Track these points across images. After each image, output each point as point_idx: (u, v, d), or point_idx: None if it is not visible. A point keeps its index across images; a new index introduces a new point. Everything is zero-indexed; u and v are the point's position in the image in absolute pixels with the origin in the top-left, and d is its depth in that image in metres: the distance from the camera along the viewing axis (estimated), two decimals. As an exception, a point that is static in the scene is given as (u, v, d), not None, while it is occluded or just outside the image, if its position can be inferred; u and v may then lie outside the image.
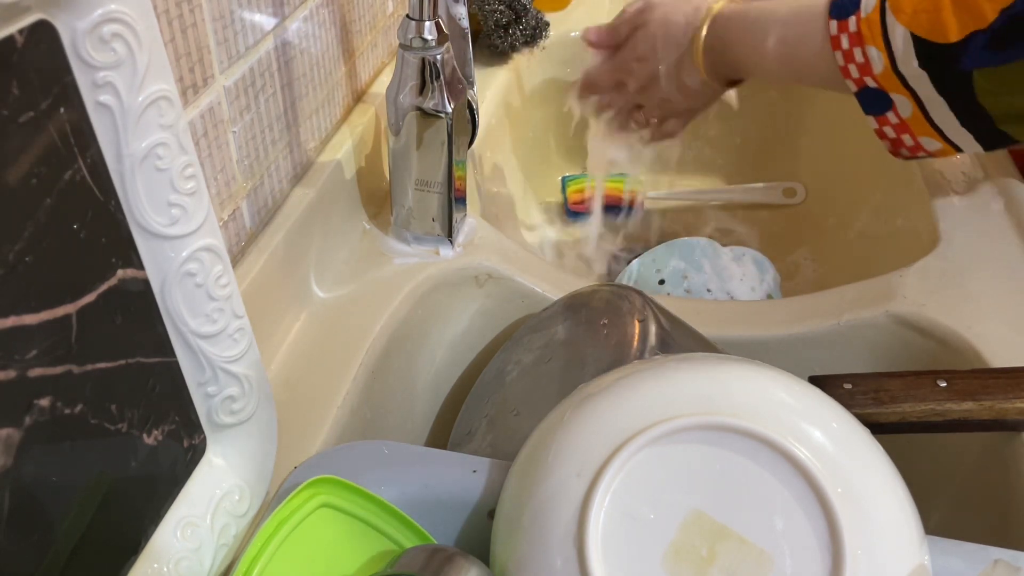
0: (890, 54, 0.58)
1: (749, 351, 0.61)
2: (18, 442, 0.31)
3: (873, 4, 0.58)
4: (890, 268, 0.65)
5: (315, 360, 0.57)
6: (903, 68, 0.58)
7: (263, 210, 0.58)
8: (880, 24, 0.58)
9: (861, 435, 0.40)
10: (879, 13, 0.58)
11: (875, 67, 0.59)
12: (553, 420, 0.42)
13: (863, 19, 0.59)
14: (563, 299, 0.62)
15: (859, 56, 0.59)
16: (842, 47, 0.60)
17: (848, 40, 0.60)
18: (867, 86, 0.60)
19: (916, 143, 0.61)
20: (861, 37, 0.59)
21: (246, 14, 0.51)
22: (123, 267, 0.36)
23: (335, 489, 0.43)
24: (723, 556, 0.36)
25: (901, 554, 0.37)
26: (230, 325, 0.42)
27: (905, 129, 0.61)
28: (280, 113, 0.58)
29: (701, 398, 0.39)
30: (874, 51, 0.58)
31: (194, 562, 0.41)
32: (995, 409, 0.50)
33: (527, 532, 0.39)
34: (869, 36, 0.58)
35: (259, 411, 0.45)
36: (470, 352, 0.71)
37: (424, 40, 0.59)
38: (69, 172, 0.33)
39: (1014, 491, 0.52)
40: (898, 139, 0.61)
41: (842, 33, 0.60)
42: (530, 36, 0.95)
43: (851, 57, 0.60)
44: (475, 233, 0.69)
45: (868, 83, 0.60)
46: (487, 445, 0.55)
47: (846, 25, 0.60)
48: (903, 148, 0.62)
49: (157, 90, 0.35)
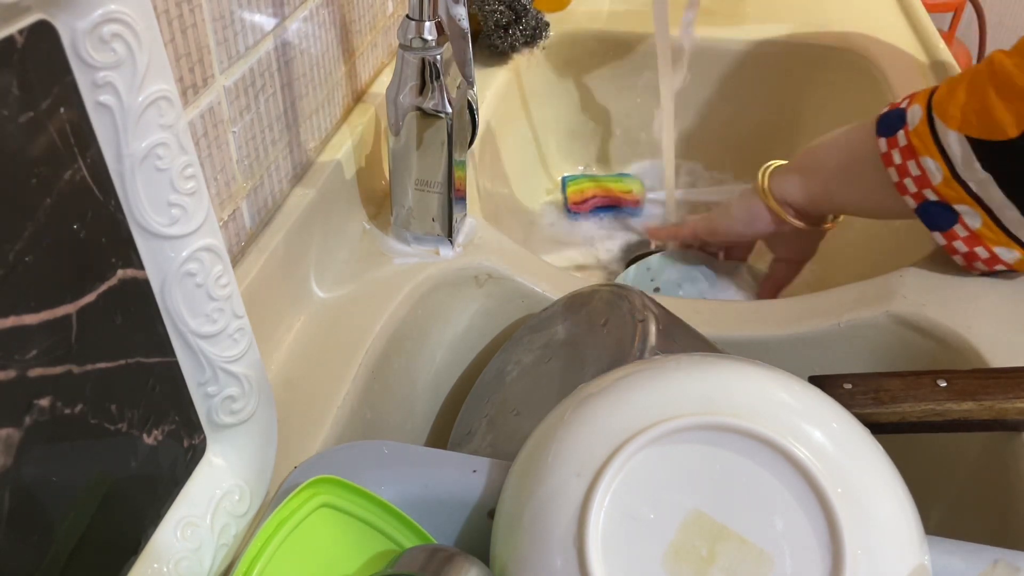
0: (947, 162, 0.55)
1: (749, 351, 0.61)
2: (18, 442, 0.31)
3: (919, 116, 0.56)
4: (890, 268, 0.65)
5: (315, 360, 0.57)
6: (965, 175, 0.55)
7: (263, 210, 0.58)
8: (930, 134, 0.55)
9: (861, 435, 0.40)
10: (927, 123, 0.56)
11: (934, 179, 0.56)
12: (553, 420, 0.42)
13: (911, 131, 0.57)
14: (563, 299, 0.62)
15: (914, 169, 0.57)
16: (894, 163, 0.58)
17: (900, 155, 0.57)
18: (927, 200, 0.58)
19: (992, 255, 0.58)
20: (913, 149, 0.56)
21: (246, 14, 0.52)
22: (123, 267, 0.36)
23: (335, 489, 0.43)
24: (723, 556, 0.36)
25: (901, 554, 0.37)
26: (230, 325, 0.42)
27: (977, 241, 0.58)
28: (280, 113, 0.58)
29: (701, 398, 0.39)
30: (930, 162, 0.56)
31: (194, 562, 0.41)
32: (995, 409, 0.50)
33: (527, 532, 0.39)
34: (921, 147, 0.56)
35: (259, 411, 0.45)
36: (470, 352, 0.71)
37: (424, 40, 0.59)
38: (69, 172, 0.33)
39: (1014, 491, 0.52)
40: (971, 252, 0.58)
41: (892, 149, 0.58)
42: (530, 36, 0.95)
43: (905, 171, 0.58)
44: (475, 233, 0.69)
45: (928, 196, 0.57)
46: (487, 445, 0.55)
47: (895, 141, 0.58)
48: (978, 261, 0.59)
49: (157, 90, 0.35)
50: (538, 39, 0.96)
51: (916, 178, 0.57)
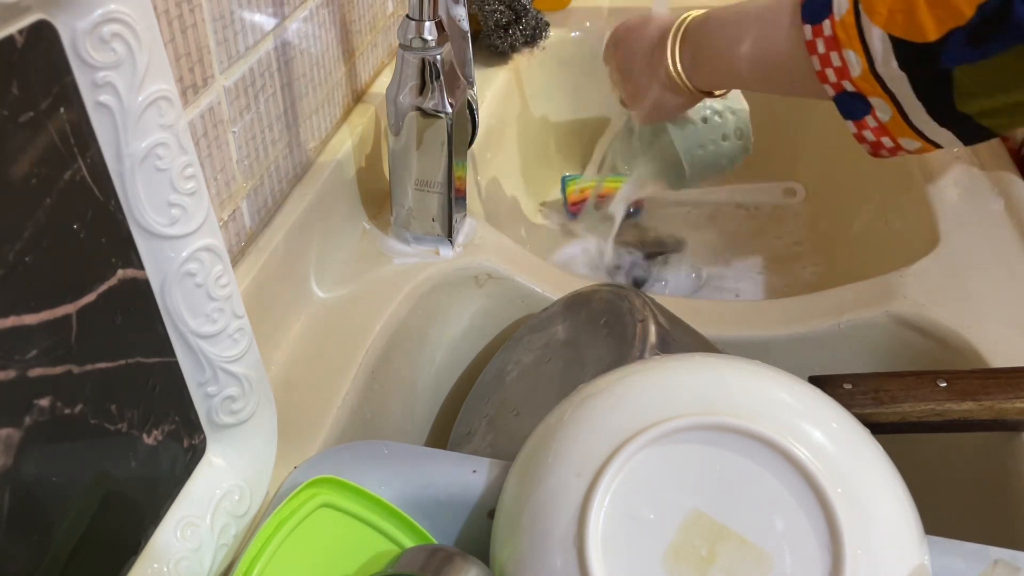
0: (868, 57, 0.56)
1: (749, 351, 0.61)
2: (18, 442, 0.31)
3: (846, 7, 0.57)
4: (890, 268, 0.65)
5: (315, 360, 0.57)
6: (882, 70, 0.56)
7: (263, 210, 0.58)
8: (856, 27, 0.56)
9: (861, 435, 0.40)
10: (853, 16, 0.57)
11: (853, 71, 0.58)
12: (553, 420, 0.42)
13: (837, 22, 0.57)
14: (563, 299, 0.62)
15: (836, 60, 0.58)
16: (818, 51, 0.59)
17: (824, 44, 0.58)
18: (845, 90, 0.59)
19: (896, 144, 0.60)
20: (837, 41, 0.57)
21: (246, 14, 0.52)
22: (123, 267, 0.36)
23: (335, 489, 0.43)
24: (723, 556, 0.36)
25: (901, 554, 0.37)
26: (230, 325, 0.42)
27: (884, 132, 0.60)
28: (280, 113, 0.58)
29: (701, 398, 0.39)
30: (852, 54, 0.57)
31: (194, 562, 0.41)
32: (995, 409, 0.50)
33: (527, 532, 0.39)
34: (845, 39, 0.57)
35: (259, 411, 0.45)
36: (470, 352, 0.71)
37: (424, 40, 0.59)
38: (69, 172, 0.33)
39: (1014, 491, 0.52)
40: (878, 142, 0.61)
41: (817, 38, 0.58)
42: (530, 36, 0.95)
43: (828, 61, 0.58)
44: (475, 233, 0.69)
45: (846, 87, 0.59)
46: (487, 445, 0.55)
47: (820, 29, 0.58)
48: (883, 150, 0.62)
49: (157, 90, 0.35)
50: (538, 39, 0.96)
51: (837, 69, 0.58)
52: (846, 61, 0.57)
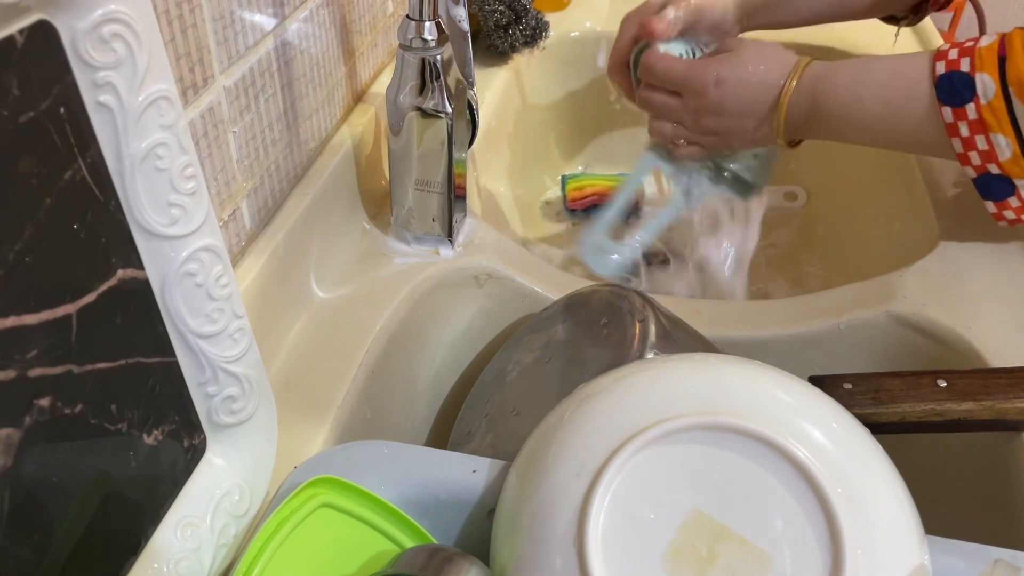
0: (1021, 142, 0.56)
1: (749, 351, 0.61)
2: (18, 442, 0.31)
3: (993, 91, 0.56)
4: (890, 268, 0.65)
5: (315, 360, 0.57)
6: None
7: (263, 210, 0.58)
8: (1007, 112, 0.56)
9: (861, 435, 0.40)
10: (1003, 100, 0.56)
11: (1002, 155, 0.57)
12: (553, 420, 0.42)
13: (984, 106, 0.57)
14: (563, 299, 0.62)
15: (982, 144, 0.57)
16: (960, 135, 0.58)
17: (968, 128, 0.58)
18: (989, 172, 0.59)
19: None
20: (985, 125, 0.57)
21: (246, 14, 0.51)
22: (123, 267, 0.36)
23: (335, 489, 0.43)
24: (723, 556, 0.36)
25: (901, 554, 0.37)
26: (230, 325, 0.42)
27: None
28: (280, 113, 0.58)
29: (701, 398, 0.39)
30: (1002, 139, 0.57)
31: (194, 562, 0.41)
32: (995, 409, 0.50)
33: (527, 532, 0.39)
34: (995, 124, 0.56)
35: (259, 411, 0.45)
36: (470, 352, 0.71)
37: (424, 40, 0.59)
38: (69, 172, 0.33)
39: (1014, 491, 0.52)
40: (1018, 218, 0.61)
41: (959, 121, 0.58)
42: (530, 36, 0.95)
43: (972, 145, 0.58)
44: (475, 233, 0.69)
45: (991, 170, 0.58)
46: (487, 445, 0.55)
47: (964, 113, 0.58)
48: (1020, 224, 0.62)
49: (157, 90, 0.35)
50: (538, 39, 0.96)
51: (983, 152, 0.58)
52: (994, 145, 0.57)
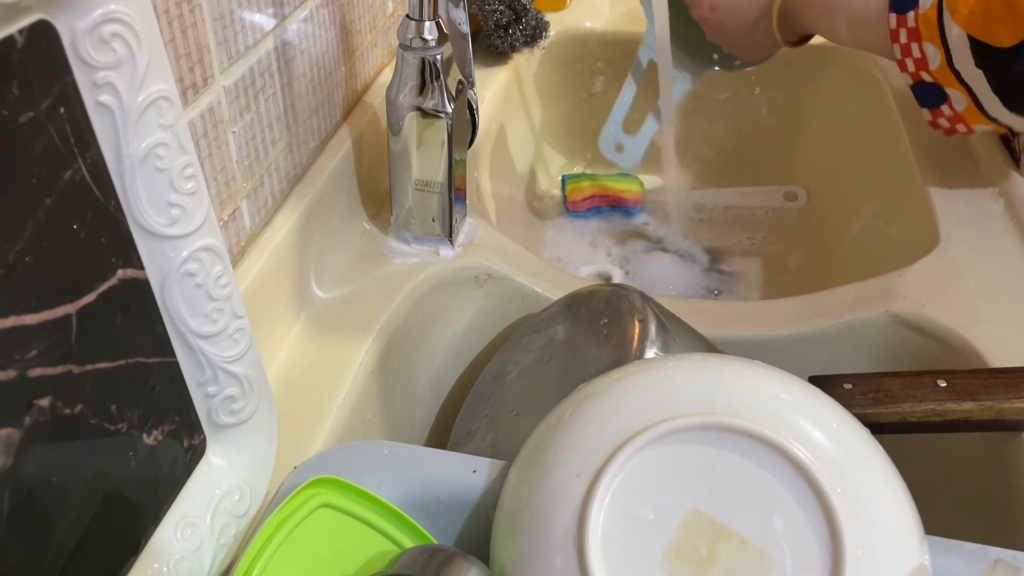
0: (947, 52, 0.59)
1: (749, 351, 0.61)
2: (18, 442, 0.31)
3: (930, 1, 0.59)
4: (890, 268, 0.65)
5: (315, 360, 0.57)
6: (959, 66, 0.59)
7: (263, 210, 0.58)
8: (937, 22, 0.59)
9: (861, 435, 0.40)
10: (936, 11, 0.59)
11: (931, 63, 0.60)
12: (553, 420, 0.42)
13: (921, 16, 0.60)
14: (563, 299, 0.62)
15: (916, 51, 0.61)
16: (900, 41, 0.62)
17: (906, 35, 0.61)
18: (923, 80, 0.62)
19: (969, 129, 0.63)
20: (919, 33, 0.60)
21: (246, 14, 0.51)
22: (123, 267, 0.36)
23: (335, 489, 0.43)
24: (723, 556, 0.36)
25: (901, 554, 0.37)
26: (230, 325, 0.42)
27: (959, 120, 0.63)
28: (280, 113, 0.58)
29: (701, 398, 0.39)
30: (931, 48, 0.60)
31: (194, 562, 0.41)
32: (995, 409, 0.50)
33: (527, 532, 0.39)
34: (926, 33, 0.60)
35: (259, 411, 0.45)
36: (470, 352, 0.71)
37: (424, 40, 0.59)
38: (69, 172, 0.33)
39: (1014, 491, 0.52)
40: (952, 128, 0.64)
41: (901, 27, 0.61)
42: (530, 36, 0.95)
43: (908, 51, 0.61)
44: (475, 233, 0.69)
45: (924, 77, 0.61)
46: (487, 445, 0.55)
47: (905, 20, 0.61)
48: (956, 133, 0.65)
49: (157, 90, 0.35)
50: (538, 39, 0.96)
51: (916, 59, 0.61)
52: (925, 53, 0.60)
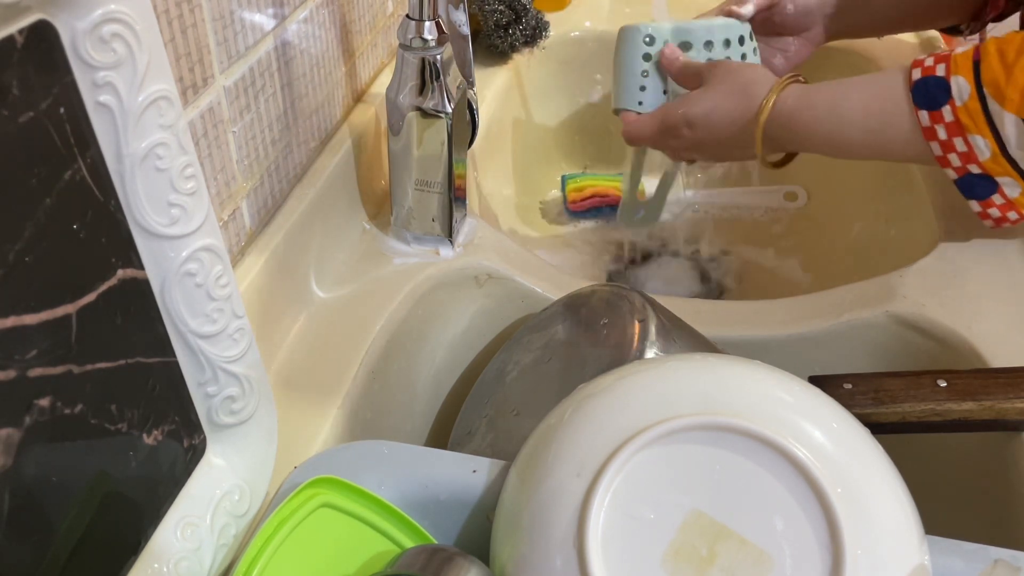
0: (999, 142, 0.57)
1: (749, 351, 0.61)
2: (18, 442, 0.31)
3: (968, 92, 0.57)
4: (890, 268, 0.65)
5: (315, 360, 0.57)
6: (1015, 153, 0.57)
7: (263, 210, 0.58)
8: (983, 113, 0.57)
9: (861, 435, 0.40)
10: (978, 102, 0.57)
11: (981, 155, 0.58)
12: (553, 420, 0.42)
13: (960, 108, 0.57)
14: (563, 299, 0.62)
15: (961, 146, 0.58)
16: (939, 138, 0.59)
17: (945, 131, 0.58)
18: (970, 172, 0.59)
19: (1021, 215, 0.61)
20: (962, 127, 0.58)
21: (246, 14, 0.51)
22: (123, 267, 0.36)
23: (335, 489, 0.43)
24: (723, 556, 0.36)
25: (901, 554, 0.37)
26: (230, 325, 0.42)
27: (1011, 207, 0.60)
28: (280, 113, 0.58)
29: (701, 398, 0.39)
30: (980, 140, 0.57)
31: (194, 562, 0.41)
32: (995, 409, 0.50)
33: (527, 532, 0.39)
34: (972, 126, 0.57)
35: (259, 411, 0.45)
36: (470, 352, 0.71)
37: (424, 40, 0.59)
38: (69, 172, 0.33)
39: (1014, 491, 0.52)
40: (1003, 217, 0.61)
41: (936, 124, 0.59)
42: (530, 36, 0.95)
43: (950, 147, 0.59)
44: (475, 233, 0.69)
45: (972, 170, 0.59)
46: (487, 445, 0.55)
47: (940, 116, 0.58)
48: (1006, 222, 0.62)
49: (157, 90, 0.35)
50: (538, 39, 0.96)
51: (962, 154, 0.59)
52: (972, 146, 0.58)
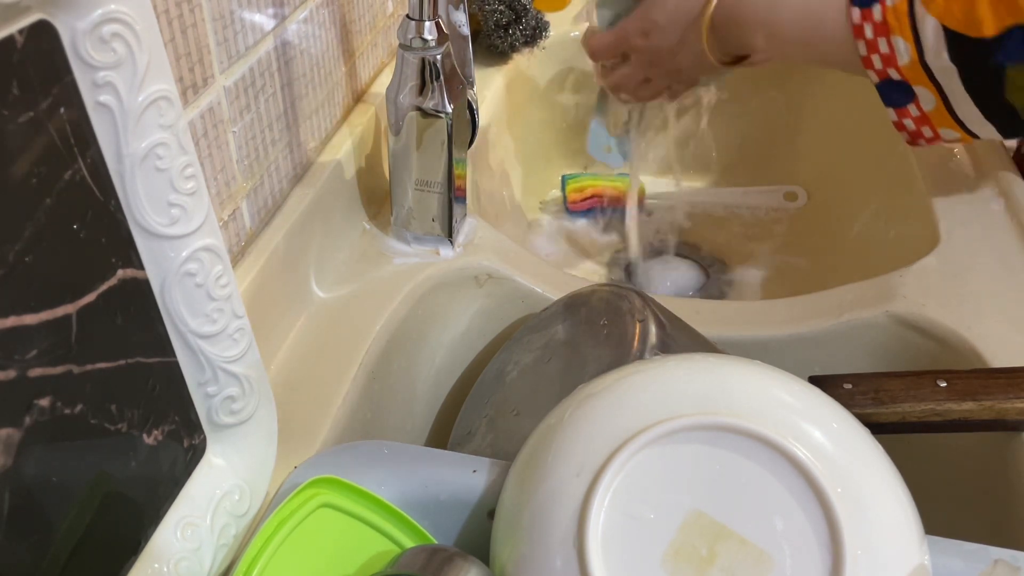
0: (918, 46, 0.56)
1: (749, 351, 0.61)
2: (18, 442, 0.31)
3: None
4: (890, 268, 0.65)
5: (315, 360, 0.57)
6: (931, 61, 0.56)
7: (263, 210, 0.58)
8: (908, 14, 0.56)
9: (861, 435, 0.40)
10: (907, 3, 0.56)
11: (901, 59, 0.57)
12: (553, 420, 0.42)
13: (889, 8, 0.56)
14: (563, 299, 0.62)
15: (884, 47, 0.57)
16: (865, 36, 0.58)
17: (872, 30, 0.57)
18: (890, 78, 0.58)
19: (936, 134, 0.60)
20: (888, 27, 0.57)
21: (246, 14, 0.52)
22: (123, 267, 0.36)
23: (335, 489, 0.43)
24: (723, 556, 0.36)
25: (901, 554, 0.37)
26: (230, 325, 0.42)
27: (925, 122, 0.59)
28: (280, 113, 0.58)
29: (701, 398, 0.39)
30: (901, 42, 0.56)
31: (194, 562, 0.41)
32: (995, 409, 0.50)
33: (527, 532, 0.39)
34: (896, 26, 0.56)
35: (259, 411, 0.45)
36: (470, 352, 0.71)
37: (424, 40, 0.59)
38: (69, 172, 0.33)
39: (1014, 491, 0.52)
40: (917, 131, 0.60)
41: (866, 22, 0.58)
42: (530, 36, 0.95)
43: (875, 47, 0.58)
44: (475, 233, 0.69)
45: (891, 75, 0.58)
46: (487, 445, 0.55)
47: (870, 14, 0.57)
48: (921, 139, 0.61)
49: (157, 90, 0.35)
50: (538, 39, 0.96)
51: (884, 55, 0.58)
52: (894, 48, 0.57)
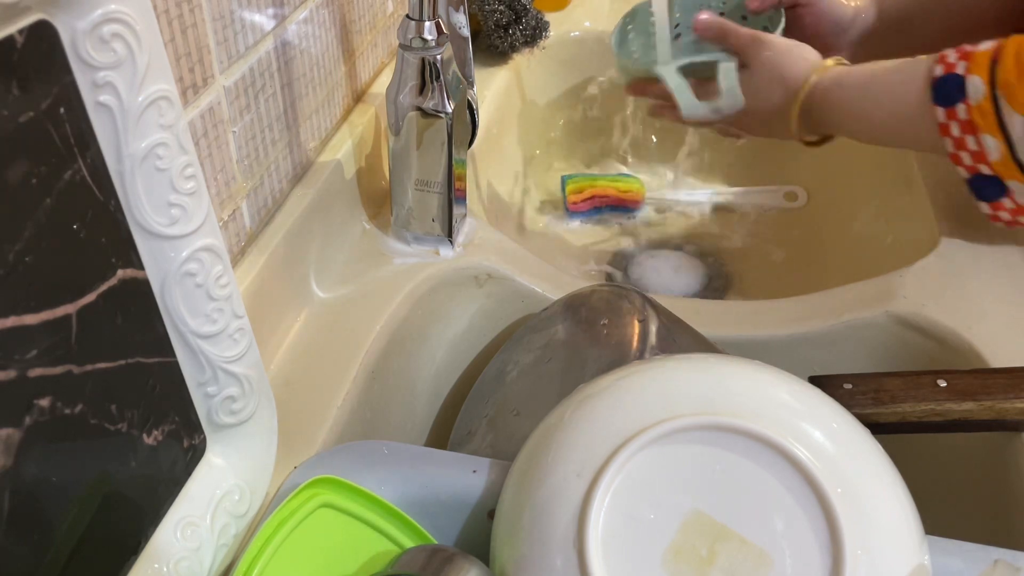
0: (1008, 143, 0.57)
1: (749, 351, 0.61)
2: (18, 442, 0.31)
3: (983, 92, 0.57)
4: (890, 268, 0.65)
5: (315, 360, 0.57)
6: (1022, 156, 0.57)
7: (263, 210, 0.58)
8: (994, 113, 0.57)
9: (861, 435, 0.40)
10: (991, 102, 0.57)
11: (991, 155, 0.58)
12: (553, 420, 0.42)
13: (974, 107, 0.58)
14: (563, 299, 0.62)
15: (972, 144, 0.58)
16: (952, 134, 0.59)
17: (959, 128, 0.59)
18: (980, 173, 0.59)
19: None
20: (974, 126, 0.58)
21: (246, 14, 0.52)
22: (123, 267, 0.36)
23: (335, 489, 0.43)
24: (723, 556, 0.36)
25: (901, 554, 0.37)
26: (230, 325, 0.42)
27: (1021, 211, 0.60)
28: (280, 113, 0.58)
29: (701, 398, 0.39)
30: (990, 139, 0.57)
31: (194, 562, 0.41)
32: (995, 409, 0.50)
33: (527, 532, 0.39)
34: (983, 125, 0.57)
35: (259, 411, 0.45)
36: (470, 352, 0.71)
37: (424, 40, 0.59)
38: (69, 172, 0.33)
39: (1014, 491, 0.52)
40: (1013, 220, 0.61)
41: (951, 120, 0.59)
42: (530, 36, 0.95)
43: (962, 144, 0.59)
44: (475, 233, 0.69)
45: (982, 170, 0.59)
46: (487, 445, 0.55)
47: (955, 113, 0.59)
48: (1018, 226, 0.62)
49: (157, 90, 0.35)
50: (538, 39, 0.96)
51: (973, 152, 0.59)
52: (983, 146, 0.58)
